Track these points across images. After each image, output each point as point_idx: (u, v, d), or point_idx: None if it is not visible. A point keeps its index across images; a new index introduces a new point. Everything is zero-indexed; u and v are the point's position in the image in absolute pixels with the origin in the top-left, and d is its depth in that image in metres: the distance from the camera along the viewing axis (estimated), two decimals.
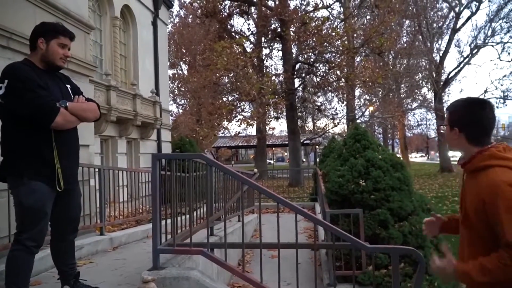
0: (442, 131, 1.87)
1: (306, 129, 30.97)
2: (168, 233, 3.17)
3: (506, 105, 33.83)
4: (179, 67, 30.52)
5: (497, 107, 42.10)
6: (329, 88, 18.46)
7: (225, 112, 16.07)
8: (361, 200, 4.44)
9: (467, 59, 28.50)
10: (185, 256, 3.14)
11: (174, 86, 29.02)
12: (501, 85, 29.66)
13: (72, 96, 2.72)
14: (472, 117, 1.73)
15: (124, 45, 10.22)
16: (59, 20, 3.79)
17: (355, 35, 19.57)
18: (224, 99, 18.78)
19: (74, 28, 4.26)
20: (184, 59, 28.06)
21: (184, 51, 26.55)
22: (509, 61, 32.03)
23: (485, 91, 28.41)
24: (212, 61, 14.85)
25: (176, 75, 29.03)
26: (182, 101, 30.65)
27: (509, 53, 30.73)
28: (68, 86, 2.76)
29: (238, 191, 6.39)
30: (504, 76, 29.98)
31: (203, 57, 16.53)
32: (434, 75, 28.60)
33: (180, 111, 31.21)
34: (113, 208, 6.09)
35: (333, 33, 16.94)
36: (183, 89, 28.16)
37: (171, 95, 29.03)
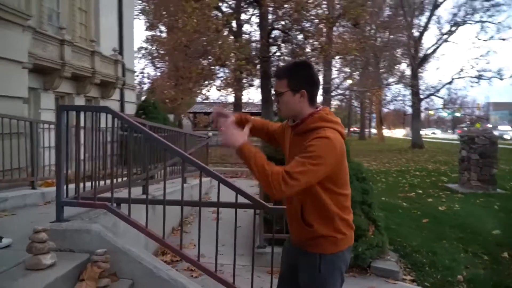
0: (277, 97, 1.89)
1: None
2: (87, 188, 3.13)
3: (479, 84, 34.29)
4: (158, 29, 29.53)
5: (472, 86, 42.56)
6: (304, 58, 18.27)
7: (195, 76, 15.76)
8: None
9: (445, 36, 28.53)
10: (100, 211, 3.12)
11: (153, 49, 28.19)
12: (477, 64, 29.95)
13: None
14: (314, 78, 1.84)
15: None
16: None
17: (337, 5, 19.22)
18: (197, 62, 18.38)
19: None
20: (163, 21, 27.10)
21: (164, 12, 25.58)
22: (485, 41, 32.23)
23: (461, 70, 28.70)
24: (183, 22, 14.39)
25: (155, 37, 28.10)
26: (160, 64, 29.90)
27: (486, 33, 30.83)
28: None
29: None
30: (481, 55, 30.23)
31: (176, 18, 15.99)
32: (412, 50, 28.65)
33: (158, 74, 30.51)
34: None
35: (310, 1, 16.59)
36: (162, 51, 27.38)
37: (150, 58, 28.30)
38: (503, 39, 28.56)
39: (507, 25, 55.85)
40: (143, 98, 21.10)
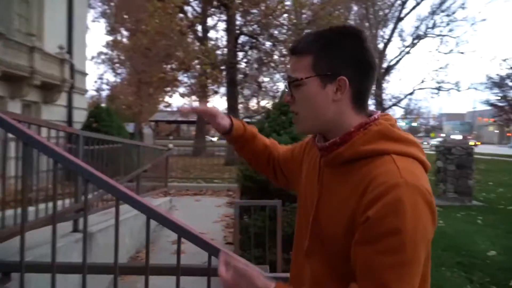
0: (291, 91, 0.94)
1: (251, 108, 30.10)
2: None
3: (439, 95, 35.76)
4: (119, 34, 28.13)
5: (432, 97, 44.51)
6: (272, 65, 17.63)
7: (156, 81, 14.56)
8: (281, 190, 3.54)
9: (408, 49, 29.39)
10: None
11: (114, 54, 26.73)
12: (437, 76, 30.75)
13: None
14: (366, 58, 0.91)
15: None
16: None
17: (303, 11, 18.78)
18: (159, 67, 17.30)
19: None
20: (126, 25, 25.72)
21: (126, 16, 24.17)
22: (445, 53, 33.46)
23: (422, 81, 29.85)
24: (145, 23, 13.24)
25: (116, 42, 26.65)
26: (120, 70, 28.42)
27: (446, 46, 31.95)
28: None
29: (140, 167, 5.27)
30: (441, 67, 31.23)
31: (137, 19, 14.80)
32: (377, 61, 29.07)
33: (118, 80, 29.00)
34: None
35: (279, 6, 15.95)
36: (122, 57, 26.00)
37: (110, 64, 26.81)
38: (461, 53, 29.93)
39: (465, 40, 58.65)
40: (103, 105, 19.76)
